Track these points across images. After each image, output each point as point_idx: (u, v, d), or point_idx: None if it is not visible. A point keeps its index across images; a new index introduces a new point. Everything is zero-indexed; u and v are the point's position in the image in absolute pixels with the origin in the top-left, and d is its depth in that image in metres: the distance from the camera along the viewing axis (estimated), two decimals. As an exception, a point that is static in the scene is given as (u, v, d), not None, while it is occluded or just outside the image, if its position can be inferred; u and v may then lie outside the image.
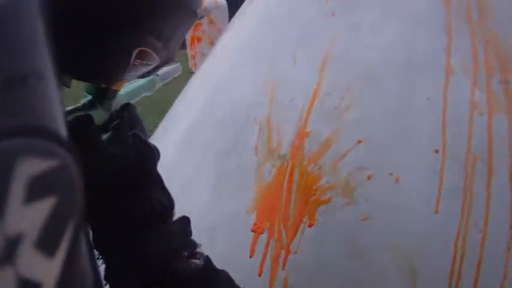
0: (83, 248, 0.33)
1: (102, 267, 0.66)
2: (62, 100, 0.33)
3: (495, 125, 1.03)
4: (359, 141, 1.08)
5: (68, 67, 0.56)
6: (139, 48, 0.58)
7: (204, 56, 11.21)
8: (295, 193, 1.08)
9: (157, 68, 0.66)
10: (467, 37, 1.11)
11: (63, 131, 0.31)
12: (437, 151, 1.03)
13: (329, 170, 1.07)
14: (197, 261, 0.69)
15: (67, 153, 0.30)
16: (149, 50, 0.60)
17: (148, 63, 0.62)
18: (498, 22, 1.12)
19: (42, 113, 0.29)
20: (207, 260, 0.71)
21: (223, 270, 0.73)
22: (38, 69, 0.29)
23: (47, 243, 0.28)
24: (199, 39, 11.65)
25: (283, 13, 1.33)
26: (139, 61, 0.60)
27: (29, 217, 0.27)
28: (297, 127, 1.13)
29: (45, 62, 0.30)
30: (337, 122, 1.11)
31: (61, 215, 0.29)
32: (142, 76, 0.68)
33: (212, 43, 11.98)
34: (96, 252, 0.65)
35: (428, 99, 1.07)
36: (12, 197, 0.26)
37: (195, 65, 11.63)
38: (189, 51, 11.76)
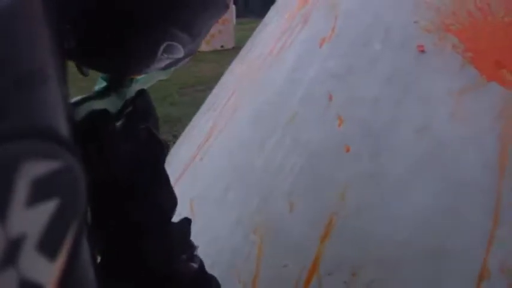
0: (85, 249, 0.33)
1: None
2: (65, 99, 0.34)
3: None
4: None
5: (91, 60, 0.57)
6: (168, 43, 0.57)
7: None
8: None
9: (180, 60, 0.65)
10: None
11: (66, 132, 0.31)
12: None
13: None
14: (194, 264, 0.70)
15: (70, 154, 0.30)
16: (177, 44, 0.58)
17: (174, 56, 0.61)
18: None
19: (46, 114, 0.29)
20: (202, 264, 0.71)
21: (214, 276, 0.73)
22: (43, 70, 0.30)
23: (49, 245, 0.28)
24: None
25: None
26: (165, 55, 0.59)
27: (31, 219, 0.27)
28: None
29: (50, 63, 0.31)
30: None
31: (64, 217, 0.29)
32: (165, 68, 0.66)
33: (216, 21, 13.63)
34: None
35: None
36: (15, 199, 0.26)
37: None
38: None
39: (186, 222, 0.73)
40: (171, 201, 0.69)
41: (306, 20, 1.48)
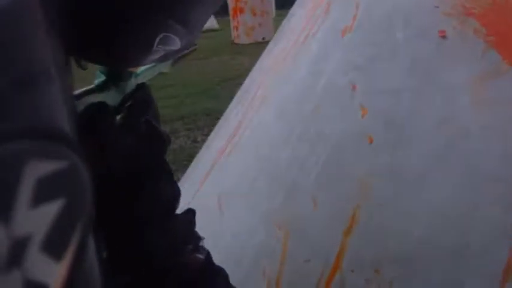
0: (91, 249, 0.33)
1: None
2: (69, 98, 0.34)
3: None
4: None
5: (88, 52, 0.56)
6: (164, 34, 0.56)
7: (246, 26, 13.12)
8: None
9: (177, 52, 0.64)
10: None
11: (70, 131, 0.31)
12: None
13: None
14: (200, 255, 0.69)
15: (75, 154, 0.30)
16: (173, 36, 0.58)
17: (171, 48, 0.60)
18: None
19: (51, 113, 0.29)
20: (209, 255, 0.70)
21: (221, 267, 0.73)
22: (46, 69, 0.30)
23: (54, 245, 0.28)
24: (241, 10, 12.07)
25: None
26: (161, 46, 0.58)
27: (36, 220, 0.27)
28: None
29: (52, 62, 0.31)
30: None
31: (69, 217, 0.29)
32: (162, 60, 0.66)
33: (255, 14, 12.12)
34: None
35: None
36: (20, 199, 0.26)
37: (238, 36, 12.19)
38: (232, 23, 12.31)
39: (191, 213, 0.72)
40: (174, 193, 0.69)
41: (328, 9, 1.46)
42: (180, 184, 1.93)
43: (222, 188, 1.46)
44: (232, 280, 0.93)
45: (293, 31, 1.63)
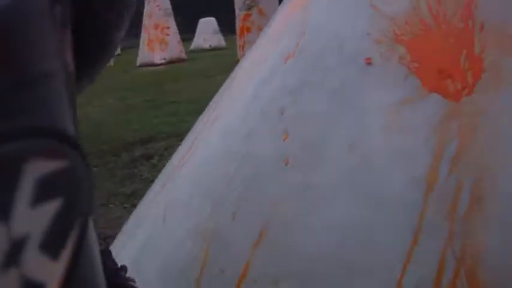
0: (90, 248, 0.34)
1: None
2: (72, 98, 0.34)
3: None
4: None
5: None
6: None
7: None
8: None
9: None
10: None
11: (71, 131, 0.31)
12: None
13: None
14: (134, 283, 0.66)
15: (75, 153, 0.30)
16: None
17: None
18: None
19: (52, 112, 0.30)
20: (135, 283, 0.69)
21: None
22: (48, 69, 0.30)
23: (52, 244, 0.28)
24: (248, 30, 12.16)
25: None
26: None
27: (35, 219, 0.27)
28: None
29: (55, 62, 0.31)
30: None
31: (68, 216, 0.29)
32: None
33: (262, 33, 13.67)
34: None
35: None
36: (19, 198, 0.26)
37: (244, 55, 12.99)
38: (238, 42, 12.45)
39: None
40: None
41: (279, 36, 1.53)
42: (146, 194, 1.93)
43: (169, 200, 1.52)
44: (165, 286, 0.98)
45: (255, 50, 1.70)
